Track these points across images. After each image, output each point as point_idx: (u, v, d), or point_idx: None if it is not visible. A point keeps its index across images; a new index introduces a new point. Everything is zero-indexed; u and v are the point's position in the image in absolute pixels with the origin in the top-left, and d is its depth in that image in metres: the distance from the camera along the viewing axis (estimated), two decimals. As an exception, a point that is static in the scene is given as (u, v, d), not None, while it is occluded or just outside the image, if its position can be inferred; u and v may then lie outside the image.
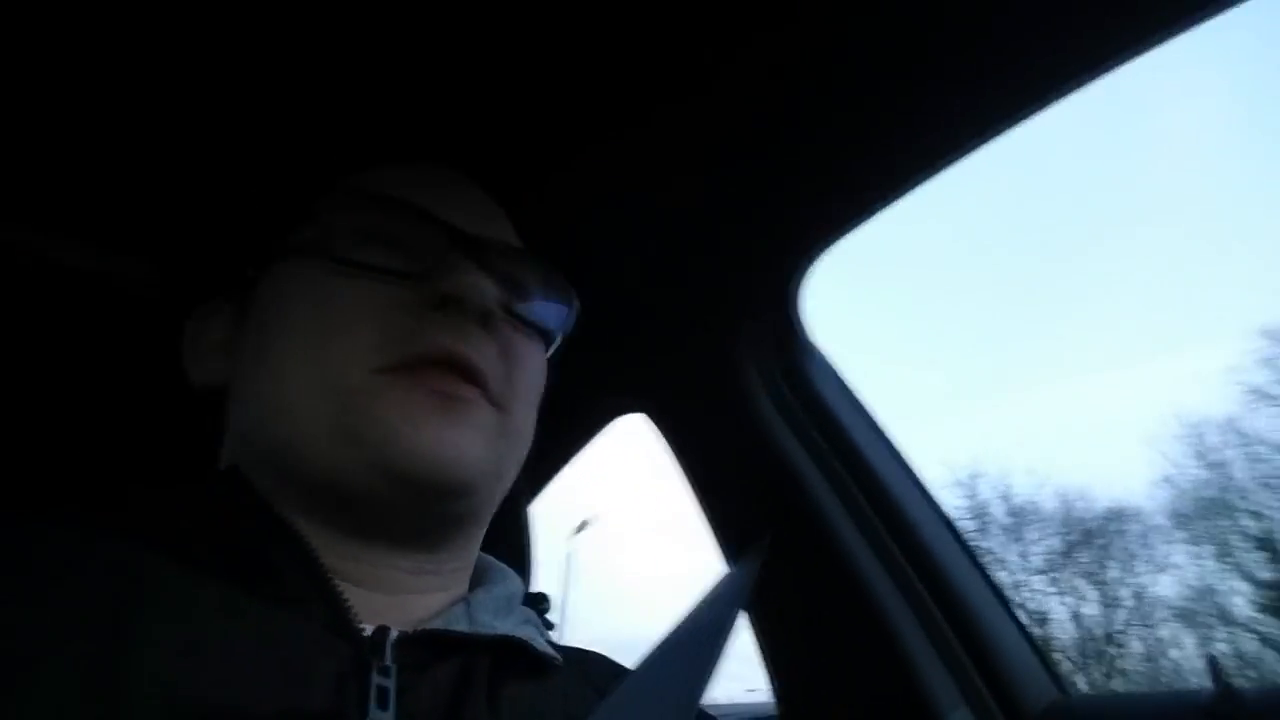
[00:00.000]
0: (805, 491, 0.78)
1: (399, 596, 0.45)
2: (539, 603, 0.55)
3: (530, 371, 0.51)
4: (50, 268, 0.73)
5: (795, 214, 0.74)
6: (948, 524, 0.79)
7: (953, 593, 0.74)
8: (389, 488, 0.43)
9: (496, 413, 0.47)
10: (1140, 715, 0.68)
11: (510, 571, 0.54)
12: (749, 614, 0.85)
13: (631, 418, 1.00)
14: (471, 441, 0.45)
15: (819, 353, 0.83)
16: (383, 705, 0.37)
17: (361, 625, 0.41)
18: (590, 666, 0.53)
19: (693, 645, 0.56)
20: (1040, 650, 0.77)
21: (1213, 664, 0.65)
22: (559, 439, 1.04)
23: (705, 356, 0.85)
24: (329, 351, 0.44)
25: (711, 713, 0.54)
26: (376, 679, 0.38)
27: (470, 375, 0.45)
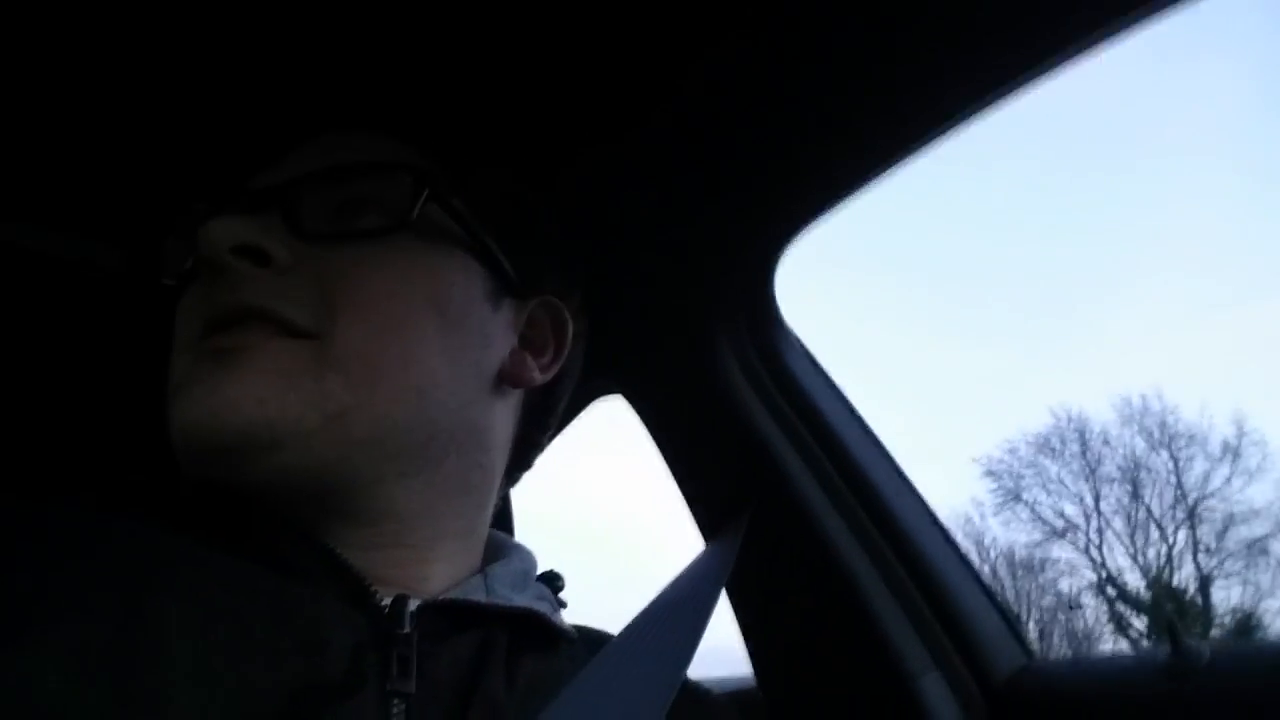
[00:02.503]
0: (780, 467, 0.80)
1: (386, 571, 0.44)
2: (553, 580, 0.55)
3: (361, 284, 0.45)
4: (47, 263, 0.72)
5: (770, 199, 0.75)
6: (917, 497, 0.81)
7: (923, 563, 0.77)
8: (203, 465, 0.41)
9: (307, 342, 0.43)
10: (1102, 676, 0.71)
11: (524, 548, 0.54)
12: (728, 589, 0.87)
13: (610, 400, 1.02)
14: (247, 385, 0.40)
15: (791, 333, 0.85)
16: (405, 673, 0.37)
17: (379, 596, 0.40)
18: (602, 645, 0.52)
19: (676, 616, 0.57)
20: (1008, 617, 0.80)
21: (1170, 626, 0.68)
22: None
23: (682, 338, 0.87)
24: (174, 357, 0.44)
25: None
26: (397, 648, 0.38)
27: (249, 319, 0.42)
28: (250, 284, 0.42)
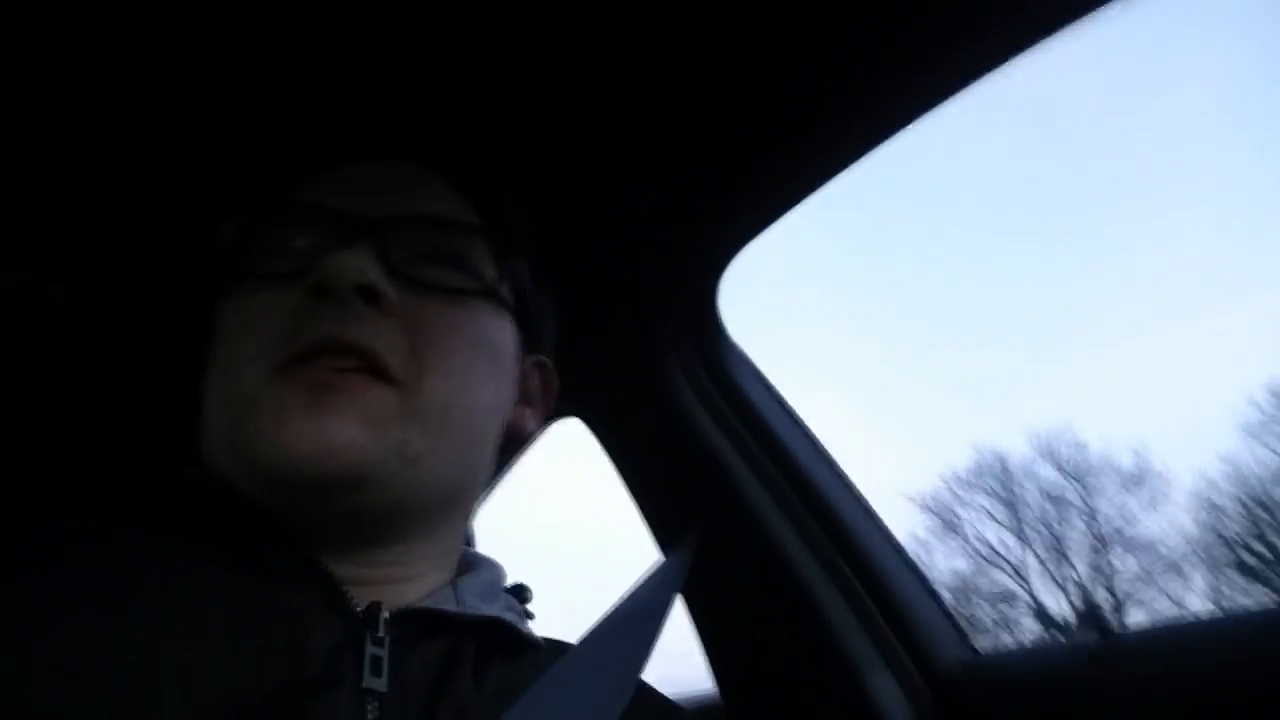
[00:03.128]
0: (730, 478, 0.83)
1: (370, 587, 0.45)
2: (520, 592, 0.56)
3: (447, 340, 0.48)
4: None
5: (711, 218, 0.78)
6: (859, 500, 0.85)
7: (868, 564, 0.80)
8: (273, 494, 0.42)
9: (396, 390, 0.44)
10: (1037, 663, 0.75)
11: (493, 561, 0.56)
12: (685, 599, 0.89)
13: (566, 422, 1.04)
14: (345, 431, 0.42)
15: (737, 347, 0.89)
16: (376, 673, 0.39)
17: (355, 602, 0.42)
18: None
19: (631, 626, 0.59)
20: (949, 614, 0.84)
21: (1094, 614, 0.73)
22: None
23: (632, 358, 0.89)
24: (230, 363, 0.45)
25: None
26: (371, 649, 0.40)
27: (350, 355, 0.43)
28: (359, 322, 0.44)
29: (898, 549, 0.84)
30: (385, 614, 0.42)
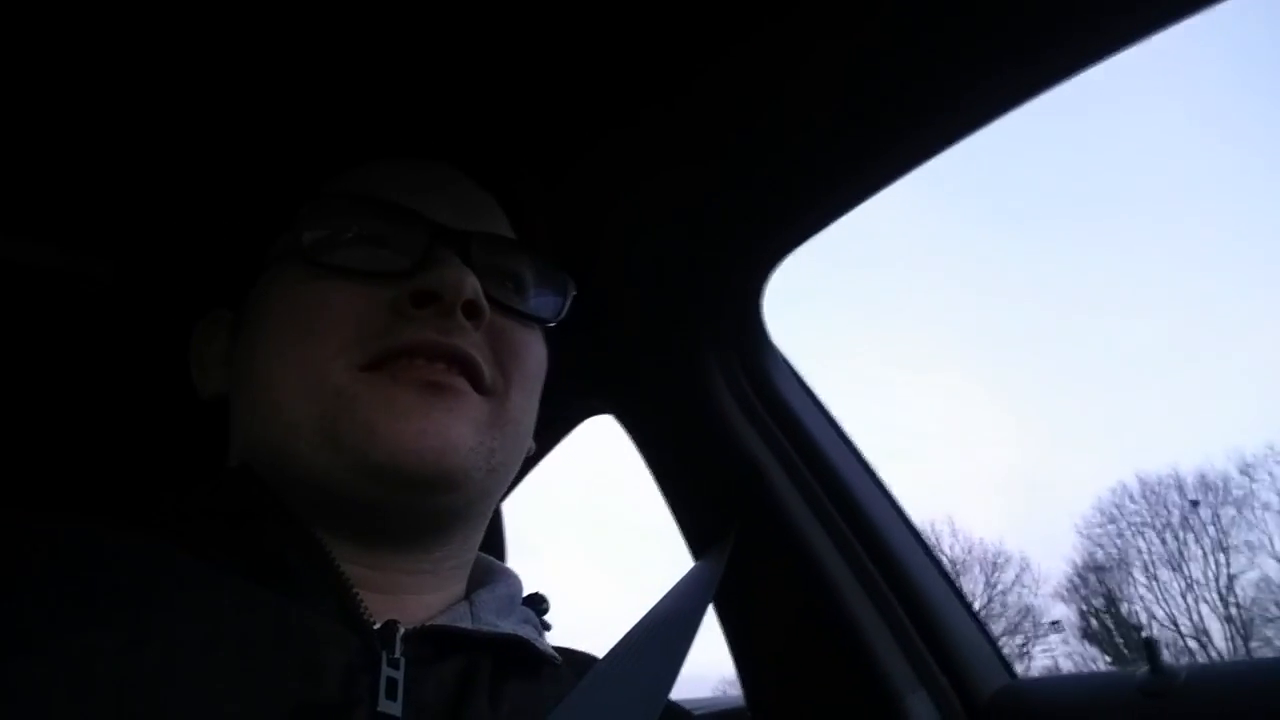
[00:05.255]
0: (768, 486, 0.81)
1: (398, 596, 0.45)
2: (538, 603, 0.56)
3: (526, 360, 0.50)
4: (54, 277, 0.73)
5: (760, 219, 0.76)
6: (902, 516, 0.82)
7: (908, 582, 0.78)
8: (373, 488, 0.42)
9: (488, 402, 0.47)
10: (1081, 695, 0.72)
11: (511, 571, 0.55)
12: (716, 605, 0.88)
13: (600, 419, 1.02)
14: (460, 430, 0.44)
15: (779, 353, 0.86)
16: (392, 696, 0.38)
17: (371, 619, 0.41)
18: (586, 667, 0.53)
19: (661, 636, 0.58)
20: (990, 637, 0.81)
21: (1148, 645, 0.69)
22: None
23: (671, 359, 0.88)
24: (310, 352, 0.44)
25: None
26: (386, 671, 0.39)
27: (457, 363, 0.45)
28: (461, 333, 0.45)
29: (939, 568, 0.81)
30: (401, 631, 0.41)
